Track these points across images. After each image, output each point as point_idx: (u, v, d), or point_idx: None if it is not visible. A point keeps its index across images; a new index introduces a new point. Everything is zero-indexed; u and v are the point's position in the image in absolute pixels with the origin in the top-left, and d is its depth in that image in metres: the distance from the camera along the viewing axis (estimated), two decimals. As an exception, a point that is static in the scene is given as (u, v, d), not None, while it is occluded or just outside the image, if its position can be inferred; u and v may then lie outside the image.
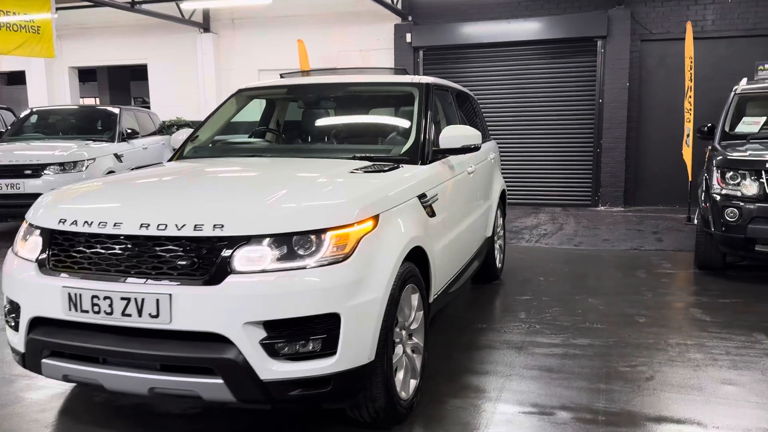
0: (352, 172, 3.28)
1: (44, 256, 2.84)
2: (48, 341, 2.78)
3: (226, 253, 2.58)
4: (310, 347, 2.59)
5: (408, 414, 3.08)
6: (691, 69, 9.04)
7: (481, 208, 4.94)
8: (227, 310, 2.54)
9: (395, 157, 3.71)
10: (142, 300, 2.58)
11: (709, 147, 7.12)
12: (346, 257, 2.65)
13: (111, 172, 8.77)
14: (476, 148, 3.98)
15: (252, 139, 4.41)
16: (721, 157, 5.87)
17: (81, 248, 2.77)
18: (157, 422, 3.19)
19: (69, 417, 3.27)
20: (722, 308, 4.94)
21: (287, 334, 2.57)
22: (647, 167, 10.74)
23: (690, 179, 8.98)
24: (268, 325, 2.55)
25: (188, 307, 2.55)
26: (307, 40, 11.18)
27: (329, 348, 2.61)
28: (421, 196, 3.41)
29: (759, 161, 5.56)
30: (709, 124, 6.95)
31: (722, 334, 4.33)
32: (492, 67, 11.07)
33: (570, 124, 10.84)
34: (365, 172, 3.31)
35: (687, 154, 9.03)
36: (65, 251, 2.81)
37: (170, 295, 2.55)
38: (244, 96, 4.56)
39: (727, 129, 6.73)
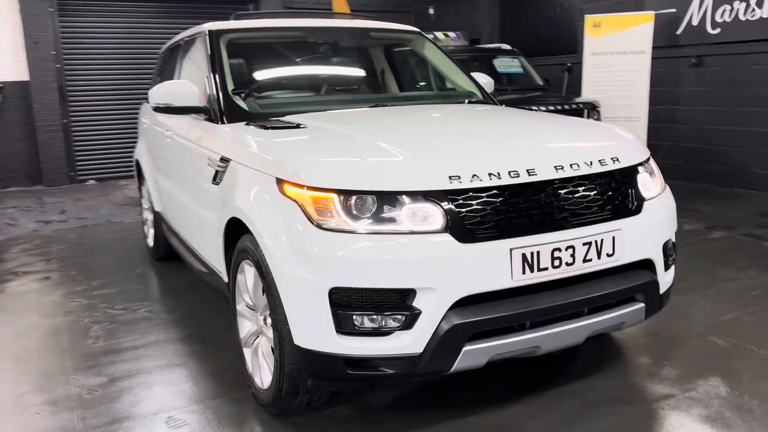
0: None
1: (455, 222, 2.28)
2: (485, 319, 2.30)
3: (632, 183, 2.68)
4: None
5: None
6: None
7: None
8: (653, 234, 2.69)
9: (488, 101, 3.90)
10: (601, 241, 2.48)
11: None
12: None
13: None
14: None
15: (305, 93, 3.70)
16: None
17: (498, 204, 2.36)
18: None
19: None
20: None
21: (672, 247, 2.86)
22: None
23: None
24: None
25: (631, 238, 2.58)
26: None
27: None
28: None
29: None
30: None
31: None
32: (141, 21, 10.11)
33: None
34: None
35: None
36: (478, 211, 2.33)
37: (620, 230, 2.53)
38: (228, 41, 3.75)
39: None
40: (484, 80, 4.25)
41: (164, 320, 3.97)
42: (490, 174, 2.37)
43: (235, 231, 2.92)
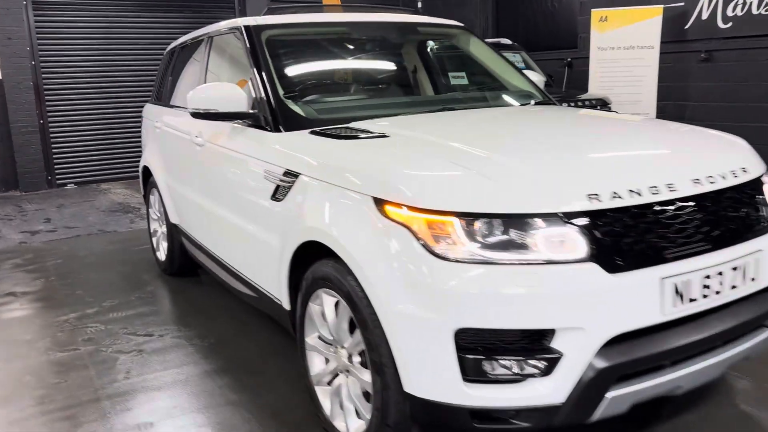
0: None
1: (599, 248, 1.97)
2: (634, 360, 2.00)
3: (762, 195, 2.42)
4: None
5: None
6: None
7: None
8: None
9: (548, 101, 3.62)
10: (746, 264, 2.20)
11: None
12: None
13: None
14: None
15: (357, 96, 3.35)
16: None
17: (641, 226, 2.05)
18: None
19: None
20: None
21: None
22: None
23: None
24: None
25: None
26: None
27: None
28: None
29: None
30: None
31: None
32: (121, 16, 9.56)
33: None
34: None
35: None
36: (620, 235, 2.02)
37: (761, 250, 2.27)
38: (267, 38, 3.37)
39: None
40: (536, 78, 3.98)
41: (198, 347, 3.58)
42: (630, 191, 2.07)
43: (302, 254, 2.57)
